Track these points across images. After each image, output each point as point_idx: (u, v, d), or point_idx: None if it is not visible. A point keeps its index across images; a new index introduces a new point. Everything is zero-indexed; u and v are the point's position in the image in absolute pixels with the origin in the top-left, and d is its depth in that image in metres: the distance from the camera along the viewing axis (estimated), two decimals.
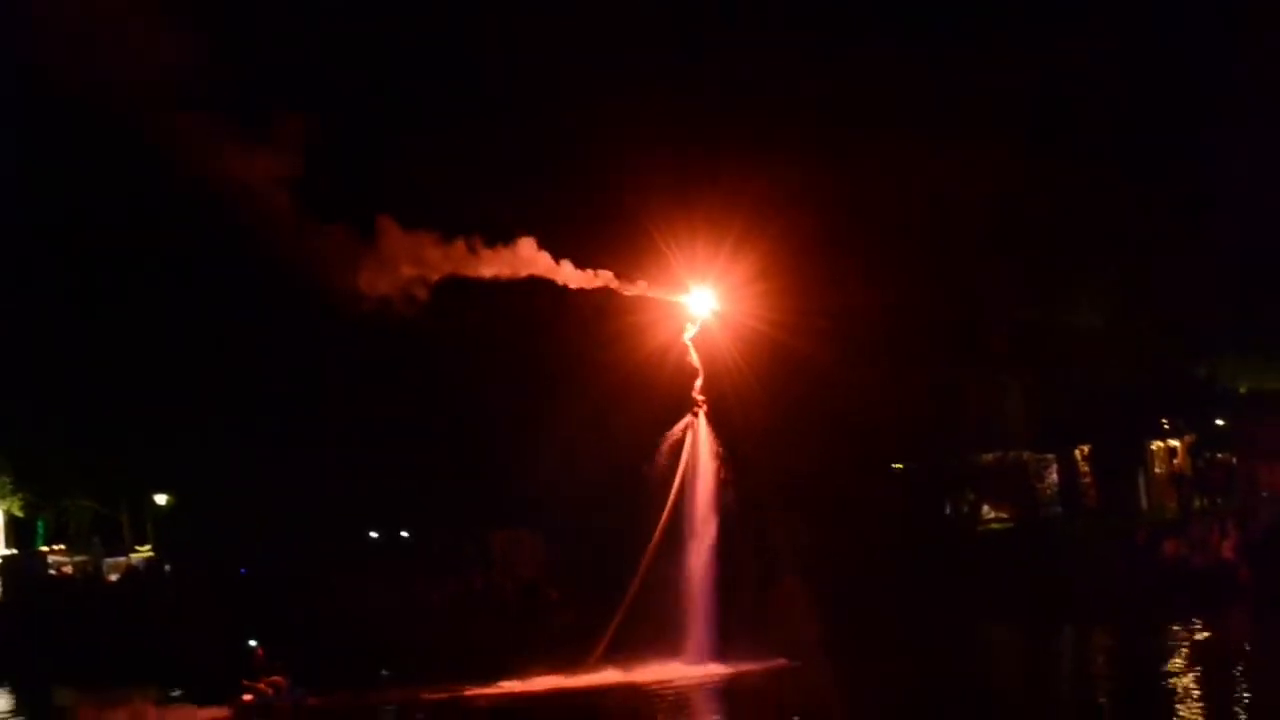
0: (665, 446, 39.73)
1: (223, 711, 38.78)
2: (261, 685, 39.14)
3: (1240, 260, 48.14)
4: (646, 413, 42.29)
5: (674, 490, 39.26)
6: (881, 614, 41.27)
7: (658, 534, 39.22)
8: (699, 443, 39.55)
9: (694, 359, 39.45)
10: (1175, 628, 39.26)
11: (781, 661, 38.08)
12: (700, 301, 39.38)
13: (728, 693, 36.41)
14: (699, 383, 39.55)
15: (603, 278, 38.77)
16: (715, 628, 39.21)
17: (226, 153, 35.09)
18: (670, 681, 37.84)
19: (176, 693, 42.01)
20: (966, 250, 47.43)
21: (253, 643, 40.35)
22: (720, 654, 38.97)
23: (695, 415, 39.63)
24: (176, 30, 34.09)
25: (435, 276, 37.77)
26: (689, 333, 39.23)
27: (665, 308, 39.53)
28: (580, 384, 46.51)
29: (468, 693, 38.90)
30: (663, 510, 39.42)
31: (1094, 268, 50.17)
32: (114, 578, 62.86)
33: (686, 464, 39.51)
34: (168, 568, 61.07)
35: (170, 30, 33.97)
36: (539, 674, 39.60)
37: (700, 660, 38.99)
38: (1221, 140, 47.10)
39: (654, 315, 39.73)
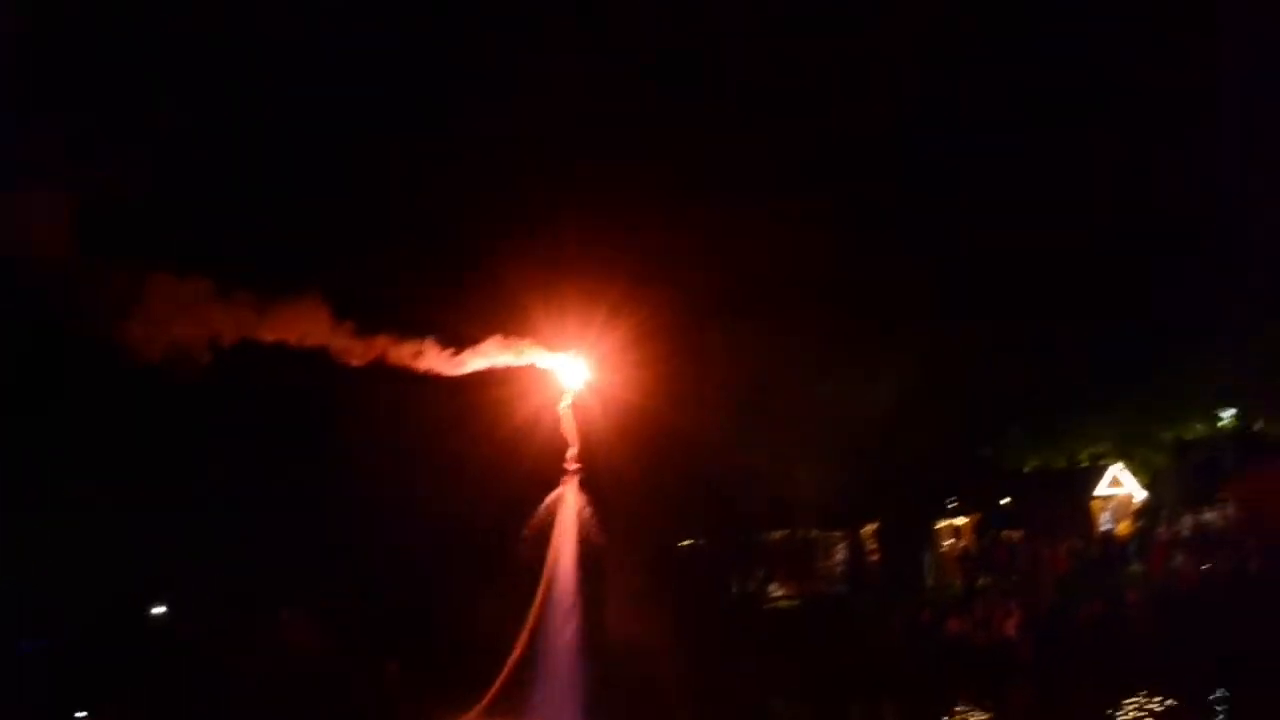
0: (538, 514, 37.43)
1: None
2: None
3: (1027, 343, 48.16)
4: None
5: (550, 557, 36.86)
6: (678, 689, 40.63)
7: (539, 596, 36.78)
8: (567, 510, 37.48)
9: (569, 429, 37.38)
10: (958, 706, 39.79)
11: None
12: (572, 371, 37.34)
13: None
14: (571, 452, 37.45)
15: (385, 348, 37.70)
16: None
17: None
18: None
19: None
20: (769, 334, 46.33)
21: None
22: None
23: (567, 482, 37.73)
24: None
25: (212, 336, 35.28)
26: (563, 402, 37.03)
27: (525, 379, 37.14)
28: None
29: None
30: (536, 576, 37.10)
31: (885, 349, 49.38)
32: None
33: (559, 530, 37.30)
34: None
35: None
36: None
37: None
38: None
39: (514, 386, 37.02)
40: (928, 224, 47.02)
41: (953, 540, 57.06)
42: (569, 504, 36.72)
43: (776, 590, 55.61)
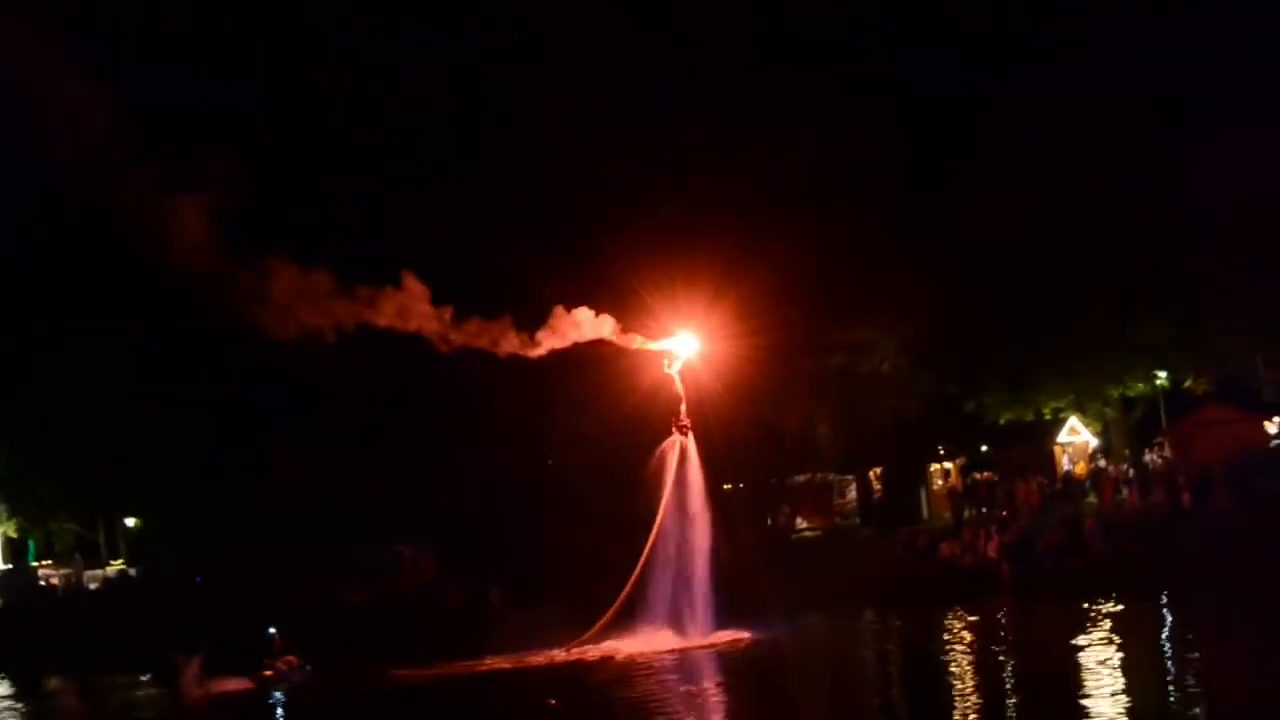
0: (654, 460, 40.20)
1: (246, 683, 40.44)
2: (278, 663, 41.28)
3: (1000, 314, 49.38)
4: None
5: (665, 497, 39.62)
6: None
7: (655, 531, 39.67)
8: (688, 456, 39.95)
9: (679, 388, 39.68)
10: (951, 612, 41.14)
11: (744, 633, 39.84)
12: (683, 343, 39.49)
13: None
14: (683, 408, 39.80)
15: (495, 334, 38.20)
16: (709, 606, 39.93)
17: (154, 195, 33.21)
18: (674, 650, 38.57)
19: (145, 677, 43.81)
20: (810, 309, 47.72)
21: (271, 630, 42.40)
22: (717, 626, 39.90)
23: (684, 435, 40.01)
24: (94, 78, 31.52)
25: (337, 322, 36.33)
26: (673, 366, 39.44)
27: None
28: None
29: (487, 665, 39.42)
30: (654, 514, 39.89)
31: (885, 327, 51.15)
32: (93, 586, 64.84)
33: (676, 475, 39.90)
34: (136, 576, 62.18)
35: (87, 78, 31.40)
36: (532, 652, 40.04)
37: (695, 631, 39.72)
38: (981, 209, 48.09)
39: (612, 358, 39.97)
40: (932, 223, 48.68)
41: (943, 480, 58.35)
42: (684, 452, 39.97)
43: (802, 523, 57.70)
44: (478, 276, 43.11)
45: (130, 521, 66.42)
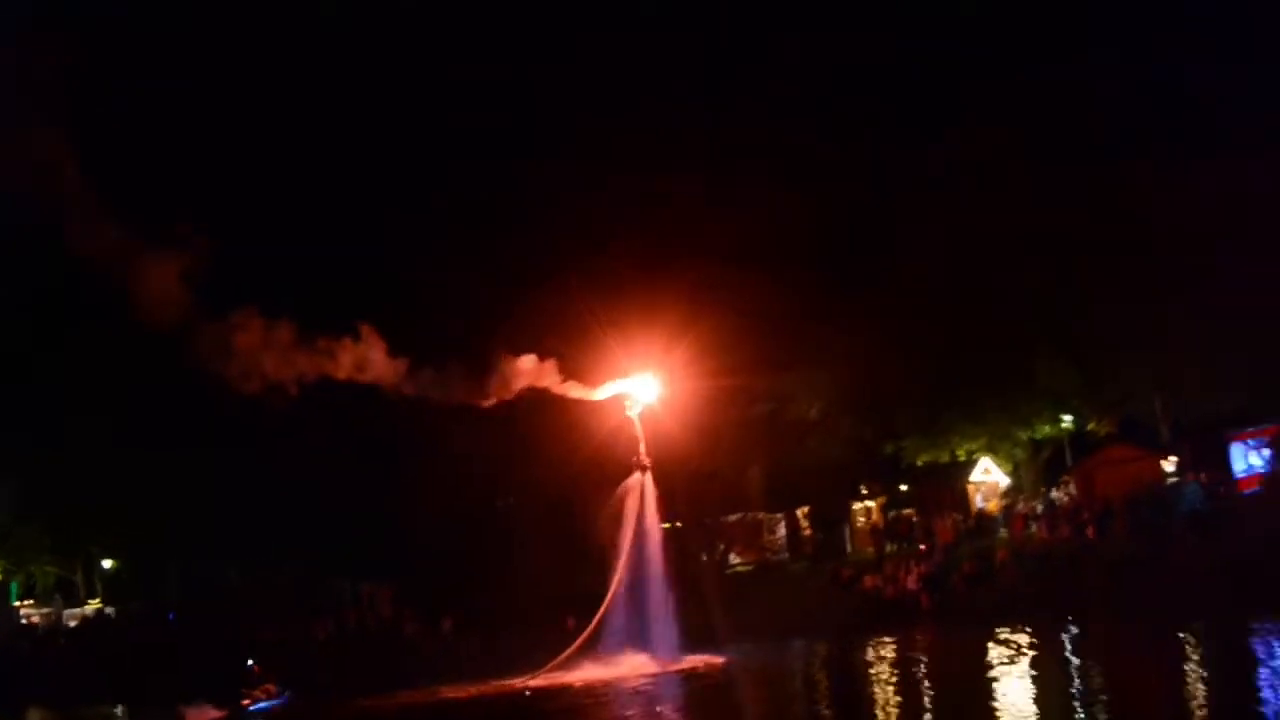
0: (616, 496, 40.70)
1: (223, 712, 40.72)
2: (257, 692, 41.77)
3: (914, 365, 50.00)
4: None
5: (628, 531, 40.21)
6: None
7: (620, 563, 40.23)
8: (646, 493, 40.52)
9: (638, 429, 40.31)
10: (873, 641, 41.58)
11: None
12: (637, 386, 40.18)
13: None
14: (642, 447, 40.34)
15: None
16: (671, 632, 40.65)
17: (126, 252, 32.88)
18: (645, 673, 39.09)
19: (118, 708, 43.98)
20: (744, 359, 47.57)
21: (250, 661, 43.19)
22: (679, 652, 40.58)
23: (642, 472, 40.59)
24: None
25: (299, 374, 36.38)
26: (634, 409, 40.14)
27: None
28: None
29: (447, 695, 39.83)
30: (610, 548, 40.60)
31: (807, 377, 52.27)
32: (72, 624, 64.96)
33: (638, 511, 40.51)
34: (112, 615, 62.25)
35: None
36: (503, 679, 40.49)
37: (666, 656, 40.28)
38: (896, 271, 49.19)
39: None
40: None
41: (865, 518, 58.62)
42: (643, 490, 40.49)
43: (735, 559, 58.20)
44: (440, 320, 43.90)
45: (107, 564, 66.16)
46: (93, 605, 66.21)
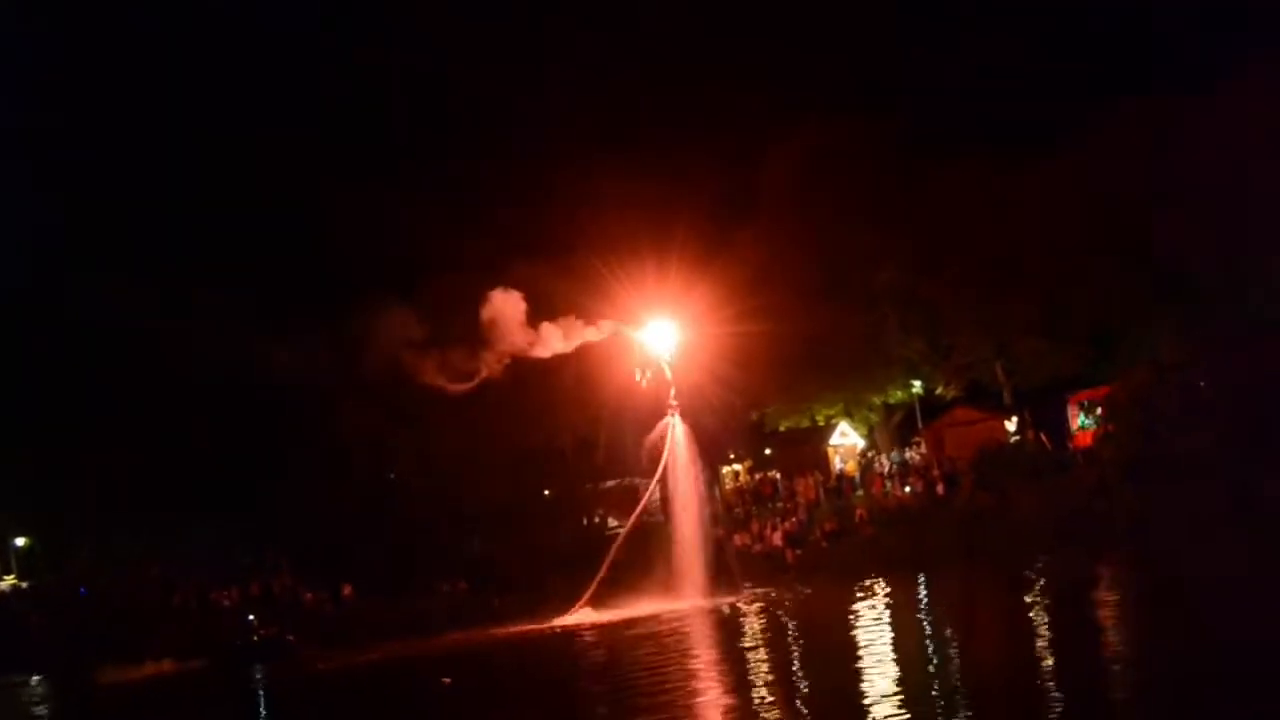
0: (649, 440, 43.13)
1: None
2: (264, 632, 44.41)
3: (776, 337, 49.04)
4: None
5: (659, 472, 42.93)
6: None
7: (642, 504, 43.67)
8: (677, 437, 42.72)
9: (669, 375, 42.41)
10: (745, 594, 43.47)
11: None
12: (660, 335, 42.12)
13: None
14: (673, 391, 42.62)
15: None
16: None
17: None
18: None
19: (36, 678, 44.59)
20: None
21: (250, 617, 45.93)
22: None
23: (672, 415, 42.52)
24: None
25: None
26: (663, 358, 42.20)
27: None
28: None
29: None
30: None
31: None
32: None
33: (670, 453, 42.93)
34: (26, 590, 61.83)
35: None
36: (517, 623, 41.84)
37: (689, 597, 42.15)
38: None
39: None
40: None
41: (734, 480, 59.59)
42: (678, 431, 42.98)
43: (613, 522, 57.45)
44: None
45: (20, 541, 65.67)
46: (8, 581, 64.91)
